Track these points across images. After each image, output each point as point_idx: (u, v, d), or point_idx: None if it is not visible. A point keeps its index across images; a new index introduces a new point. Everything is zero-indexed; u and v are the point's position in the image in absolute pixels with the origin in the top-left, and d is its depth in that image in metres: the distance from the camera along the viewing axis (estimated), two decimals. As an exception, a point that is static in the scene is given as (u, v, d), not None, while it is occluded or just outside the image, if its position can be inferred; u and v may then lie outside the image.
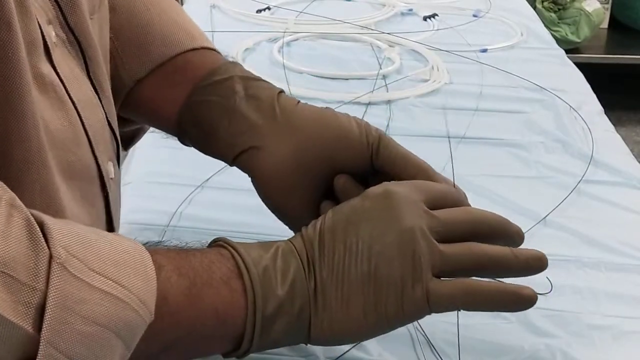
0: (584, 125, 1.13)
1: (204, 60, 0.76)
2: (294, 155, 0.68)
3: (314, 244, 0.60)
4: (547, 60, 1.39)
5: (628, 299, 0.79)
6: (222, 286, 0.57)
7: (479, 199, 0.96)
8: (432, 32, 1.48)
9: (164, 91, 0.75)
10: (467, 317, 0.76)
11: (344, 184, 0.68)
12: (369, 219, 0.60)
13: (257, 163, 0.69)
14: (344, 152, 0.68)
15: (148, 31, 0.77)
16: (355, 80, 1.27)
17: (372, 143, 0.68)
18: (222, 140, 0.71)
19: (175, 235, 0.86)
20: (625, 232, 0.89)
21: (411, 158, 0.68)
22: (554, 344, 0.73)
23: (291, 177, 0.69)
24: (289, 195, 0.69)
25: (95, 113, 0.64)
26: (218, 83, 0.72)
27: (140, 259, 0.52)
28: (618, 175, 1.00)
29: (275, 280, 0.58)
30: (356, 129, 0.68)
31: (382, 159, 0.68)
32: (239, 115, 0.70)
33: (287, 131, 0.69)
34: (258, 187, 0.71)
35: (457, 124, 1.13)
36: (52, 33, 0.60)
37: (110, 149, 0.67)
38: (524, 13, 1.63)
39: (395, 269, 0.58)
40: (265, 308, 0.57)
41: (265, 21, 1.50)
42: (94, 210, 0.64)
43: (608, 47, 3.00)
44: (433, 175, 0.68)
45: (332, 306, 0.58)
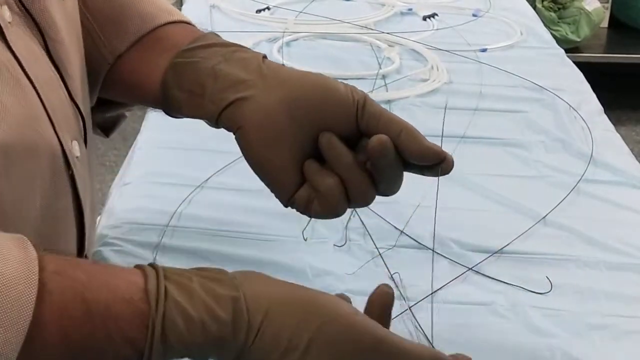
0: (584, 124, 1.13)
1: (184, 31, 0.76)
2: (282, 104, 0.67)
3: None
4: (546, 59, 1.39)
5: (628, 298, 0.79)
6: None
7: (479, 198, 0.96)
8: (431, 32, 1.48)
9: (147, 61, 0.74)
10: (467, 317, 0.76)
11: (329, 140, 0.66)
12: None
13: (244, 112, 0.67)
14: (332, 107, 0.67)
15: (125, 8, 0.77)
16: (355, 80, 1.27)
17: (358, 100, 0.67)
18: (207, 98, 0.69)
19: (175, 235, 0.86)
20: (625, 231, 0.89)
21: (395, 117, 0.67)
22: (554, 343, 0.73)
23: (278, 126, 0.66)
24: (274, 145, 0.67)
25: (57, 92, 0.64)
26: (202, 47, 0.72)
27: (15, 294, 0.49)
28: (618, 175, 1.01)
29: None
30: (342, 87, 0.68)
31: (367, 117, 0.66)
32: (225, 72, 0.69)
33: (275, 83, 0.68)
34: (243, 138, 0.68)
35: (456, 123, 1.13)
36: (7, 13, 0.60)
37: (74, 128, 0.67)
38: (523, 12, 1.63)
39: None
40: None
41: (264, 21, 1.50)
42: (53, 189, 0.63)
43: (608, 46, 2.99)
44: (417, 135, 0.66)
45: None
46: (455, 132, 1.10)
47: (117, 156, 2.47)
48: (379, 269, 0.83)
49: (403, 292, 0.79)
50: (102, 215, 0.92)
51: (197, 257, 0.83)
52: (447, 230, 0.88)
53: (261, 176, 0.68)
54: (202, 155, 1.02)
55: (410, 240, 0.86)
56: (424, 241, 0.86)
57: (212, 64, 0.69)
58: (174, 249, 0.84)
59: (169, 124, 1.06)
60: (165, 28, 0.76)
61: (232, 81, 0.68)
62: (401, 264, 0.83)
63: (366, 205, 0.68)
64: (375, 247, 0.85)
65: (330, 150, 0.66)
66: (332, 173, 0.66)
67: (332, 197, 0.66)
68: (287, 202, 0.68)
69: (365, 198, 0.67)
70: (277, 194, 0.68)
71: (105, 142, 0.85)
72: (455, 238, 0.87)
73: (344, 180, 0.66)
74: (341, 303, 0.57)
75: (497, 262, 0.84)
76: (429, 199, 0.94)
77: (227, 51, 0.71)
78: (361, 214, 0.90)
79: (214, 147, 1.01)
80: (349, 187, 0.66)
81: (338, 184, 0.65)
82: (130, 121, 0.89)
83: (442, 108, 1.18)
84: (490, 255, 0.85)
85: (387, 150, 0.64)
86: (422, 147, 0.66)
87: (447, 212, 0.92)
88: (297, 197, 0.67)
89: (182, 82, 0.71)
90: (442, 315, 0.76)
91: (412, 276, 0.81)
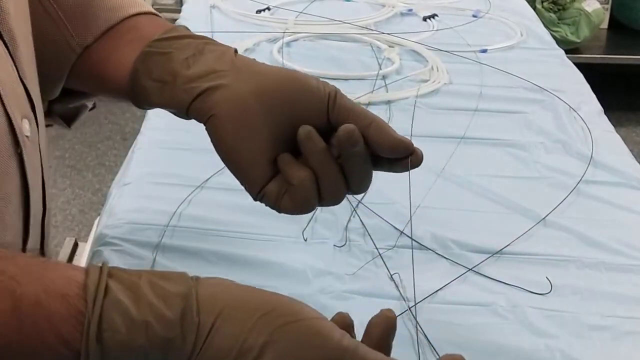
0: (584, 125, 1.13)
1: (153, 22, 0.76)
2: (254, 94, 0.66)
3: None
4: (546, 60, 1.39)
5: (628, 299, 0.79)
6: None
7: (479, 199, 0.96)
8: (431, 33, 1.48)
9: (115, 51, 0.74)
10: (466, 317, 0.76)
11: (308, 133, 0.65)
12: None
13: (216, 100, 0.66)
14: (304, 99, 0.66)
15: (95, 1, 0.76)
16: (355, 80, 1.27)
17: (329, 93, 0.66)
18: (179, 86, 0.68)
19: (175, 235, 0.86)
20: (625, 232, 0.89)
21: (366, 110, 0.67)
22: (553, 344, 0.73)
23: (250, 116, 0.65)
24: (246, 135, 0.66)
25: (5, 66, 0.62)
26: (175, 38, 0.71)
27: None
28: (618, 176, 1.01)
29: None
30: (314, 81, 0.67)
31: (337, 110, 0.66)
32: (198, 63, 0.68)
33: (248, 74, 0.67)
34: (214, 127, 0.67)
35: (457, 124, 1.13)
36: None
37: (24, 105, 0.65)
38: (523, 13, 1.63)
39: None
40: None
41: (265, 21, 1.50)
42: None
43: (608, 47, 2.99)
44: (386, 127, 0.66)
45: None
46: (455, 133, 1.10)
47: (116, 156, 2.47)
48: (379, 269, 0.83)
49: (403, 293, 0.79)
50: (102, 215, 0.92)
51: (197, 257, 0.83)
52: (447, 231, 0.88)
53: (231, 167, 0.67)
54: (202, 155, 1.02)
55: (410, 241, 0.86)
56: (424, 242, 0.86)
57: (185, 55, 0.69)
58: (174, 249, 0.84)
59: (169, 125, 1.06)
60: (134, 19, 0.76)
61: (205, 71, 0.67)
62: (401, 264, 0.83)
63: (335, 203, 0.67)
64: (375, 248, 0.86)
65: (307, 142, 0.65)
66: (305, 167, 0.65)
67: (305, 191, 0.65)
68: (256, 195, 0.67)
69: (336, 194, 0.66)
70: (246, 186, 0.67)
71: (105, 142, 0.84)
72: (455, 239, 0.87)
73: (317, 174, 0.65)
74: (307, 308, 0.54)
75: (497, 262, 0.84)
76: (429, 199, 0.94)
77: (199, 43, 0.70)
78: (361, 215, 0.90)
79: (214, 147, 1.00)
80: (322, 181, 0.65)
81: (311, 178, 0.65)
82: (130, 121, 0.89)
83: (442, 109, 1.19)
84: (490, 256, 0.85)
85: (355, 139, 0.64)
86: (392, 138, 0.65)
87: (447, 212, 0.92)
88: (266, 191, 0.66)
89: (153, 72, 0.70)
90: (442, 315, 0.76)
91: (412, 277, 0.81)
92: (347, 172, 0.65)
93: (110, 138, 2.53)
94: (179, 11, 1.62)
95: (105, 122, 0.84)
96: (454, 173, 1.00)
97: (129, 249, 0.83)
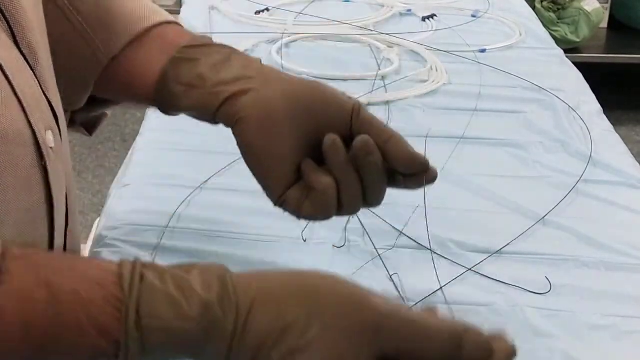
0: (583, 125, 1.13)
1: (178, 31, 0.77)
2: (283, 100, 0.67)
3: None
4: (546, 60, 1.39)
5: (627, 298, 0.80)
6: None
7: (478, 198, 0.96)
8: (430, 33, 1.48)
9: (142, 59, 0.75)
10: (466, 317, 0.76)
11: (334, 141, 0.66)
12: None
13: (245, 103, 0.67)
14: (330, 108, 0.68)
15: (114, 10, 0.77)
16: (354, 81, 1.27)
17: (354, 105, 0.68)
18: (208, 89, 0.69)
19: (174, 236, 0.86)
20: (624, 231, 0.89)
21: (386, 126, 0.69)
22: (553, 343, 0.73)
23: (278, 120, 0.67)
24: (273, 139, 0.67)
25: (27, 79, 0.63)
26: (203, 46, 0.72)
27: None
28: (617, 175, 1.01)
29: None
30: (339, 92, 0.69)
31: (360, 122, 0.67)
32: (226, 69, 0.70)
33: (275, 81, 0.69)
34: (242, 130, 0.68)
35: (456, 124, 1.13)
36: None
37: (48, 117, 0.65)
38: (522, 13, 1.63)
39: None
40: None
41: (264, 22, 1.50)
42: (24, 179, 0.60)
43: (607, 46, 2.99)
44: (404, 142, 0.68)
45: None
46: (454, 133, 1.10)
47: (116, 157, 2.47)
48: (379, 269, 0.83)
49: (402, 293, 0.79)
50: (102, 217, 0.92)
51: (196, 258, 0.83)
52: (446, 231, 0.88)
53: (256, 170, 0.68)
54: (201, 156, 1.02)
55: (410, 241, 0.86)
56: (423, 242, 0.86)
57: (213, 61, 0.70)
58: (173, 250, 0.84)
59: (169, 126, 1.06)
60: (158, 28, 0.77)
61: (233, 76, 0.69)
62: (400, 264, 0.83)
63: (353, 213, 0.69)
64: (375, 248, 0.86)
65: (333, 150, 0.66)
66: (328, 173, 0.66)
67: (327, 196, 0.66)
68: (278, 199, 0.68)
69: (355, 203, 0.68)
70: (269, 190, 0.68)
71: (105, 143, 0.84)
72: (454, 238, 0.87)
73: (338, 182, 0.66)
74: (339, 278, 0.54)
75: (496, 262, 0.84)
76: (428, 199, 0.94)
77: (226, 51, 0.72)
78: (360, 215, 0.90)
79: (213, 148, 1.01)
80: (343, 190, 0.67)
81: (334, 184, 0.66)
82: (130, 123, 0.90)
83: (441, 109, 1.19)
84: (489, 256, 0.85)
85: (370, 148, 0.66)
86: (409, 154, 0.68)
87: (446, 212, 0.92)
88: (288, 196, 0.67)
89: (181, 77, 0.71)
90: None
91: (412, 277, 0.81)
92: (364, 183, 0.67)
93: (110, 139, 2.53)
94: (178, 12, 1.62)
95: (105, 124, 0.84)
96: (453, 173, 1.00)
97: (128, 251, 0.83)
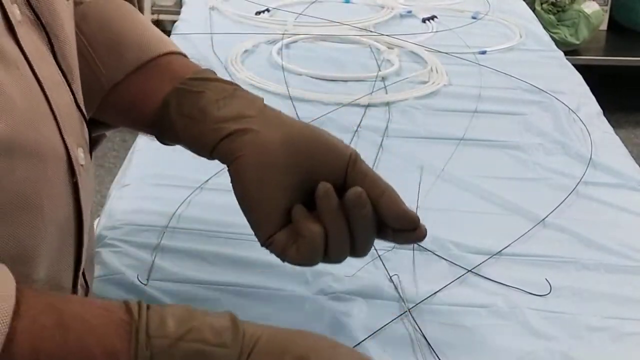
0: (583, 127, 1.13)
1: (183, 62, 0.77)
2: (281, 143, 0.68)
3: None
4: (546, 62, 1.39)
5: (627, 300, 0.80)
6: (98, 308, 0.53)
7: (478, 200, 0.96)
8: (431, 34, 1.48)
9: (145, 87, 0.75)
10: (466, 319, 0.76)
11: (327, 190, 0.68)
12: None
13: (244, 143, 0.68)
14: (327, 156, 0.69)
15: (121, 36, 0.77)
16: (354, 82, 1.27)
17: (351, 155, 0.69)
18: (208, 125, 0.70)
19: (174, 236, 0.86)
20: (624, 233, 0.89)
21: (381, 178, 0.70)
22: (552, 345, 0.73)
23: (275, 163, 0.68)
24: (268, 181, 0.68)
25: (63, 95, 0.63)
26: (207, 80, 0.73)
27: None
28: (617, 177, 1.01)
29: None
30: (338, 140, 0.70)
31: (355, 173, 0.69)
32: (228, 105, 0.70)
33: (276, 123, 0.70)
34: (238, 169, 0.69)
35: (456, 125, 1.13)
36: (17, 11, 0.59)
37: (79, 134, 0.65)
38: (523, 15, 1.63)
39: None
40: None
41: (264, 23, 1.51)
42: (55, 195, 0.60)
43: (607, 48, 3.00)
44: (397, 198, 0.69)
45: None
46: (454, 135, 1.10)
47: (116, 158, 2.47)
48: (379, 271, 0.83)
49: (402, 294, 0.79)
50: (102, 217, 0.92)
51: (196, 258, 0.83)
52: (446, 232, 0.88)
53: (247, 210, 0.70)
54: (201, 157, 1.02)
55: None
56: (423, 243, 0.86)
57: (217, 96, 0.71)
58: (173, 250, 0.84)
59: (169, 126, 1.06)
60: (164, 57, 0.77)
61: (235, 114, 0.70)
62: (400, 266, 0.83)
63: (339, 262, 0.70)
64: (375, 249, 0.85)
65: (325, 199, 0.67)
66: (318, 221, 0.68)
67: (315, 245, 0.67)
68: (265, 240, 0.69)
69: (342, 253, 0.69)
70: (258, 230, 0.69)
71: (105, 143, 0.84)
72: (454, 240, 0.87)
73: (327, 231, 0.68)
74: (343, 349, 0.57)
75: (496, 264, 0.84)
76: (428, 200, 0.94)
77: (230, 88, 0.72)
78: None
79: (214, 148, 1.00)
80: (331, 239, 0.68)
81: (322, 234, 0.67)
82: (129, 123, 0.89)
83: (441, 110, 1.19)
84: (489, 257, 0.85)
85: (362, 202, 0.67)
86: (401, 210, 0.68)
87: (446, 214, 0.92)
88: (276, 238, 0.68)
89: (184, 107, 0.72)
90: (441, 317, 0.76)
91: (411, 278, 0.81)
92: (353, 234, 0.68)
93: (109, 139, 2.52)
94: (178, 12, 1.62)
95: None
96: (453, 174, 1.00)
97: (128, 251, 0.83)
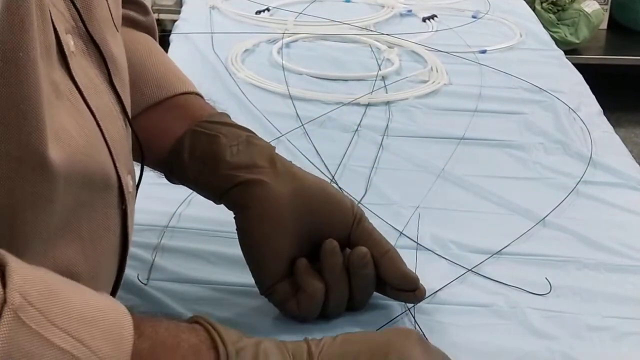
0: (583, 126, 1.13)
1: (199, 104, 0.79)
2: (290, 197, 0.70)
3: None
4: (546, 61, 1.39)
5: (627, 300, 0.79)
6: (190, 355, 0.52)
7: (478, 199, 0.96)
8: (431, 33, 1.48)
9: (159, 124, 0.76)
10: (466, 318, 0.76)
11: (333, 248, 0.70)
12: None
13: (254, 194, 0.70)
14: (334, 212, 0.71)
15: (140, 72, 0.77)
16: (355, 81, 1.27)
17: (357, 213, 0.72)
18: (221, 171, 0.72)
19: (174, 236, 0.86)
20: (624, 233, 0.89)
21: (384, 239, 0.73)
22: (553, 345, 0.73)
23: (283, 216, 0.70)
24: (274, 233, 0.70)
25: (116, 124, 0.62)
26: (223, 124, 0.74)
27: (115, 320, 0.48)
28: (617, 176, 1.01)
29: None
30: (346, 198, 0.73)
31: (360, 231, 0.71)
32: (241, 153, 0.72)
33: (286, 176, 0.72)
34: (247, 218, 0.71)
35: (456, 125, 1.13)
36: (71, 42, 0.58)
37: (129, 162, 0.65)
38: (523, 14, 1.63)
39: None
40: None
41: (264, 22, 1.50)
42: (104, 223, 0.60)
43: (607, 48, 2.99)
44: (399, 259, 0.72)
45: None
46: (454, 134, 1.10)
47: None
48: (379, 270, 0.83)
49: (402, 294, 0.79)
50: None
51: (197, 258, 0.83)
52: (447, 232, 0.88)
53: (250, 259, 0.71)
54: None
55: (410, 241, 0.86)
56: (423, 242, 0.86)
57: (230, 142, 0.72)
58: (173, 249, 0.84)
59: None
60: (181, 97, 0.78)
61: (247, 163, 0.72)
62: (401, 265, 0.83)
63: (337, 316, 0.72)
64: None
65: (331, 257, 0.70)
66: (320, 277, 0.70)
67: (315, 300, 0.69)
68: (266, 290, 0.71)
69: (340, 308, 0.71)
70: (260, 280, 0.71)
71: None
72: (454, 239, 0.87)
73: (328, 287, 0.70)
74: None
75: (496, 263, 0.84)
76: (428, 200, 0.94)
77: (244, 134, 0.74)
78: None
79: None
80: (331, 295, 0.70)
81: (323, 290, 0.69)
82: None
83: (441, 109, 1.19)
84: (489, 257, 0.85)
85: (365, 263, 0.70)
86: (402, 272, 0.72)
87: (447, 213, 0.92)
88: (277, 289, 0.70)
89: (197, 149, 0.73)
90: (442, 316, 0.76)
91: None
92: (353, 290, 0.71)
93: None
94: (179, 12, 1.62)
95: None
96: (453, 174, 1.00)
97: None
